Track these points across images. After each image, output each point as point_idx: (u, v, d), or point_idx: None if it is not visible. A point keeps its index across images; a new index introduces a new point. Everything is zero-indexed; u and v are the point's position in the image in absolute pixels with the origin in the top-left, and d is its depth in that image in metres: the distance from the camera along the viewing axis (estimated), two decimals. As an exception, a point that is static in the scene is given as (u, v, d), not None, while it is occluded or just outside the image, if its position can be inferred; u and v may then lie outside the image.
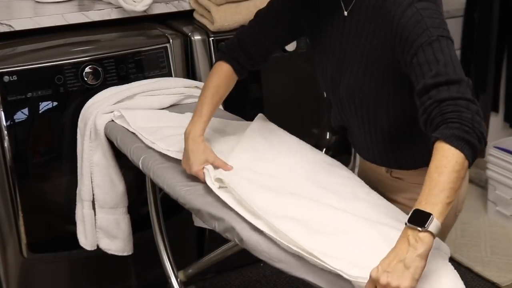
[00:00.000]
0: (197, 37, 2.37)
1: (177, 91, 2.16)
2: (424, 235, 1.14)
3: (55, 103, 2.16)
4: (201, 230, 2.44)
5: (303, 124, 2.61)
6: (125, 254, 2.18)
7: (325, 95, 1.88)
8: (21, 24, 2.21)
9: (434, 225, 1.15)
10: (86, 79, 2.17)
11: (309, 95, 2.57)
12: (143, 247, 2.23)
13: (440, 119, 1.24)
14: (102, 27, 2.34)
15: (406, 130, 1.51)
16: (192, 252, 2.54)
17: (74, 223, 2.15)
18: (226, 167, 1.59)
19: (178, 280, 2.15)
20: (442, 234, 1.55)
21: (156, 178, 1.69)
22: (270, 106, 2.51)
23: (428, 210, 1.17)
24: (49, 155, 2.21)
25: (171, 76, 2.30)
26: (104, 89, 2.16)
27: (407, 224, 1.17)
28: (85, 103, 2.12)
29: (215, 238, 1.73)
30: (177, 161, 1.70)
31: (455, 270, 1.22)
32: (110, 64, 2.21)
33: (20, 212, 2.17)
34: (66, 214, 2.20)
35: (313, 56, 1.67)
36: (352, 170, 2.68)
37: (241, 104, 2.42)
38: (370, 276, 1.15)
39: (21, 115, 2.12)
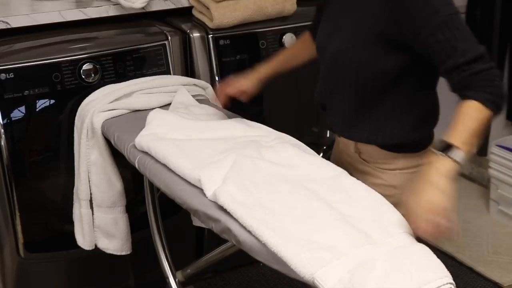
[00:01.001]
0: (196, 34, 2.35)
1: (175, 89, 2.14)
2: (447, 160, 1.36)
3: (52, 101, 2.15)
4: (200, 229, 2.42)
5: (303, 122, 2.59)
6: (123, 253, 2.16)
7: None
8: (18, 21, 2.19)
9: (457, 153, 1.36)
10: (83, 76, 2.16)
11: (308, 93, 2.53)
12: (141, 246, 2.22)
13: (480, 86, 1.42)
14: (99, 24, 2.33)
15: (381, 97, 1.59)
16: (190, 252, 2.53)
17: (71, 222, 2.14)
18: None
19: (176, 280, 2.14)
20: None
21: (153, 177, 1.67)
22: (270, 104, 2.49)
23: (452, 142, 1.37)
24: (46, 153, 2.20)
25: (170, 73, 2.29)
26: (102, 86, 2.15)
27: (435, 152, 1.38)
28: (83, 101, 2.11)
29: (213, 238, 1.71)
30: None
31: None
32: (108, 61, 2.20)
33: (17, 211, 2.15)
34: (64, 213, 2.19)
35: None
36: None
37: (241, 102, 2.41)
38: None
39: (18, 113, 2.11)
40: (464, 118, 1.40)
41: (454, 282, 1.19)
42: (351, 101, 1.62)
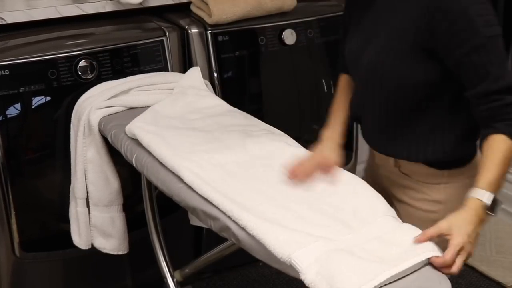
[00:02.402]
0: (194, 30, 2.34)
1: (173, 86, 2.14)
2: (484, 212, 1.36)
3: (48, 98, 2.13)
4: (198, 228, 2.41)
5: (303, 119, 2.58)
6: (120, 253, 2.15)
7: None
8: (13, 16, 2.18)
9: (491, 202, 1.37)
10: (80, 73, 2.15)
11: (309, 89, 2.55)
12: (139, 246, 2.21)
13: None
14: (96, 20, 2.31)
15: (420, 112, 1.53)
16: (189, 251, 2.52)
17: (67, 221, 2.12)
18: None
19: (175, 280, 2.14)
20: None
21: (150, 175, 1.67)
22: (270, 100, 2.48)
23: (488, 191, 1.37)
24: (42, 151, 2.19)
25: (168, 70, 2.28)
26: (98, 83, 2.14)
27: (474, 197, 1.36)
28: (79, 98, 2.09)
29: (212, 237, 1.70)
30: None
31: None
32: (105, 58, 2.18)
33: (12, 210, 2.14)
34: (60, 212, 2.18)
35: (313, 50, 1.65)
36: (354, 167, 2.65)
37: (240, 99, 2.40)
38: (455, 243, 1.28)
39: (13, 110, 2.09)
40: (495, 158, 1.38)
41: (435, 252, 1.24)
42: (388, 115, 1.55)
